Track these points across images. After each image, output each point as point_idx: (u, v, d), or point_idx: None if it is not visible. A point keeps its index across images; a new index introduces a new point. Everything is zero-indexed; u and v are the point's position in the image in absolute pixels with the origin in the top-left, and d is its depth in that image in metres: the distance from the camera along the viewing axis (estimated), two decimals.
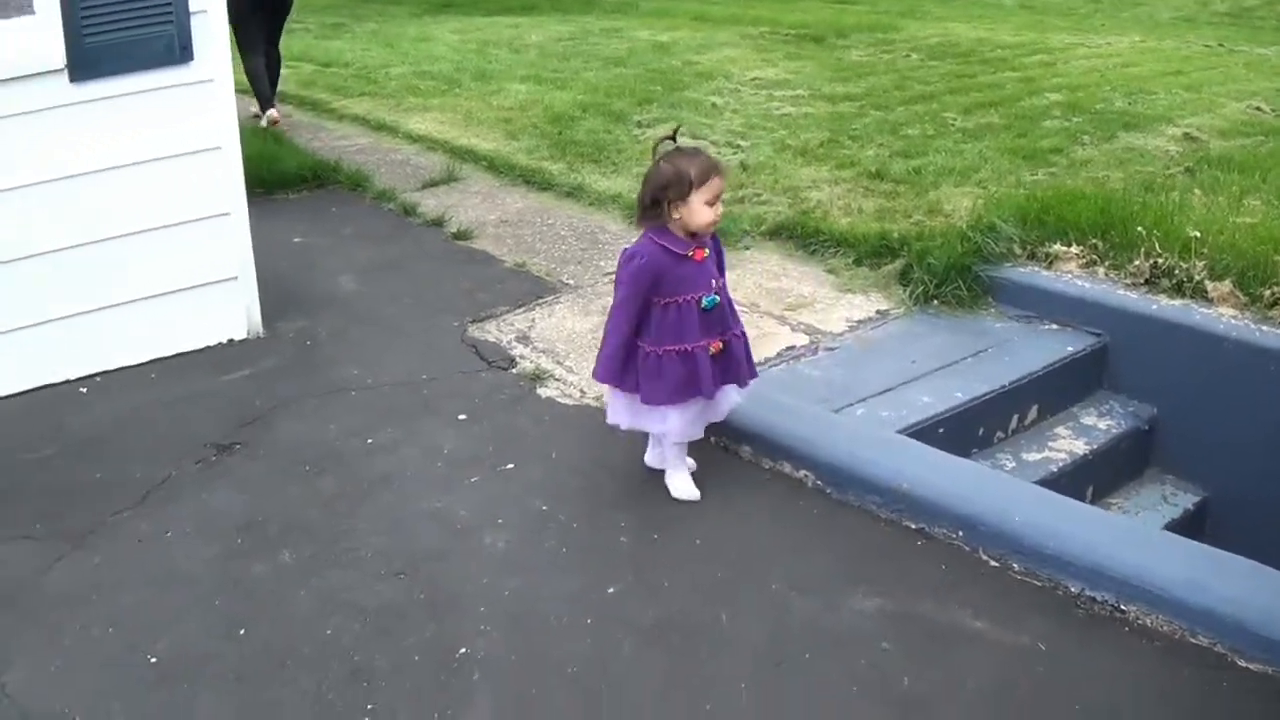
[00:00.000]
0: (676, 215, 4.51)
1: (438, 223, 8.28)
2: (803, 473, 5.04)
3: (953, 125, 10.39)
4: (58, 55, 5.70)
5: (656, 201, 4.50)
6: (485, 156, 9.76)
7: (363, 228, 8.32)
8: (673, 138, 4.64)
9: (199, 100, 6.04)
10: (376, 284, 7.26)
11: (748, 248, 7.64)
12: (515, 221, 8.26)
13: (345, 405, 5.81)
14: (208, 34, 5.95)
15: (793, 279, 7.21)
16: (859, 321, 6.69)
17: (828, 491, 4.95)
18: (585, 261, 7.49)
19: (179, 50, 5.88)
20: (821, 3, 19.86)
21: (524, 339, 6.47)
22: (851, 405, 5.75)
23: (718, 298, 4.64)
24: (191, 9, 5.86)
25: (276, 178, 9.08)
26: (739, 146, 9.64)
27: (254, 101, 11.30)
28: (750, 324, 6.21)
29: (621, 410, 4.83)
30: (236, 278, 6.42)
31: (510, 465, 5.22)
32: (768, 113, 10.91)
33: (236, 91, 11.39)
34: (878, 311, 6.81)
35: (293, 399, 5.87)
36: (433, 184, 9.22)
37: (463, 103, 11.72)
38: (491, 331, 6.55)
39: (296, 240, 8.03)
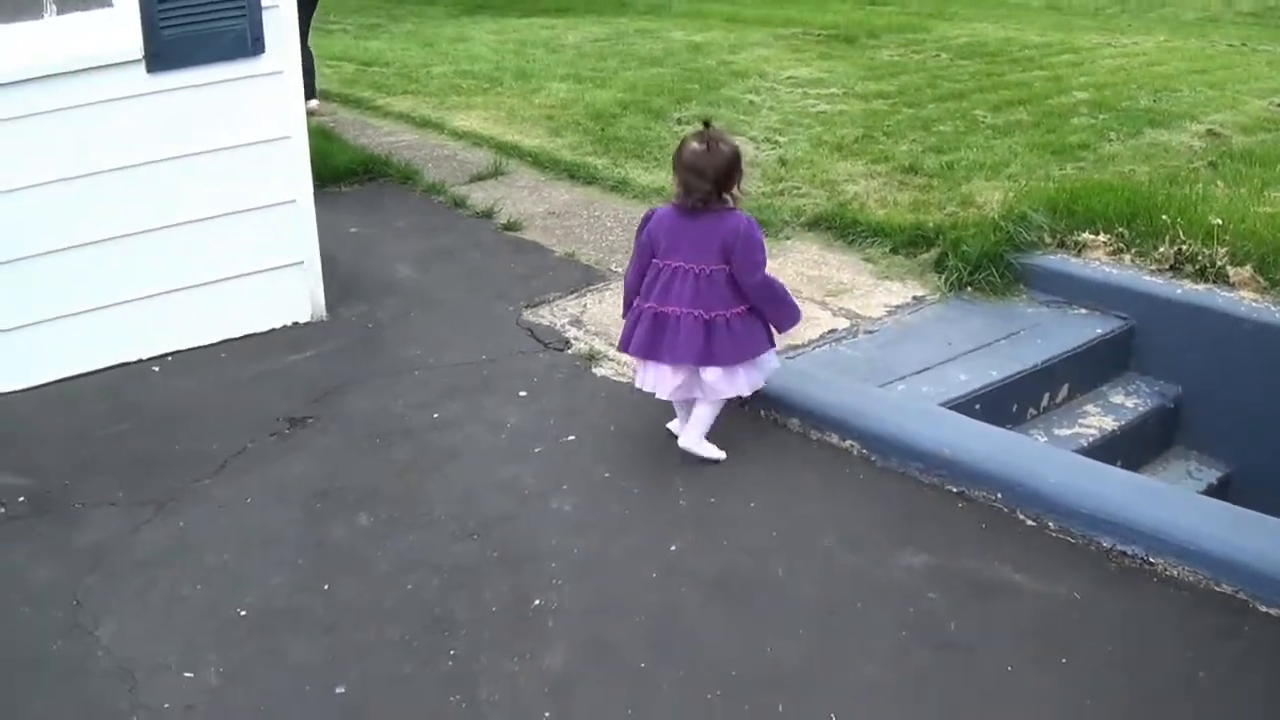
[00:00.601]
0: (736, 190, 4.87)
1: (487, 214, 8.57)
2: (849, 442, 5.31)
3: (983, 122, 10.66)
4: (135, 46, 5.99)
5: (730, 178, 4.82)
6: (530, 152, 10.04)
7: (415, 219, 8.60)
8: (706, 125, 4.89)
9: (269, 91, 6.35)
10: (432, 271, 7.55)
11: (788, 238, 7.92)
12: (562, 213, 8.55)
13: (410, 383, 6.10)
14: (278, 28, 6.25)
15: (832, 267, 7.49)
16: (897, 307, 6.95)
17: (872, 459, 5.22)
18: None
19: (251, 43, 6.18)
20: (852, 4, 20.11)
21: (577, 323, 6.74)
22: (892, 382, 6.02)
23: None
24: (264, 3, 6.16)
25: (330, 171, 9.32)
26: (777, 142, 9.93)
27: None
28: None
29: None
30: (302, 262, 6.71)
31: (571, 437, 5.50)
32: (804, 110, 11.20)
33: None
34: (914, 298, 7.08)
35: (359, 377, 6.16)
36: (480, 178, 9.50)
37: (505, 100, 12.01)
38: (545, 316, 6.83)
39: (353, 230, 8.31)
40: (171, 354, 6.50)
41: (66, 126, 5.93)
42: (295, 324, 6.77)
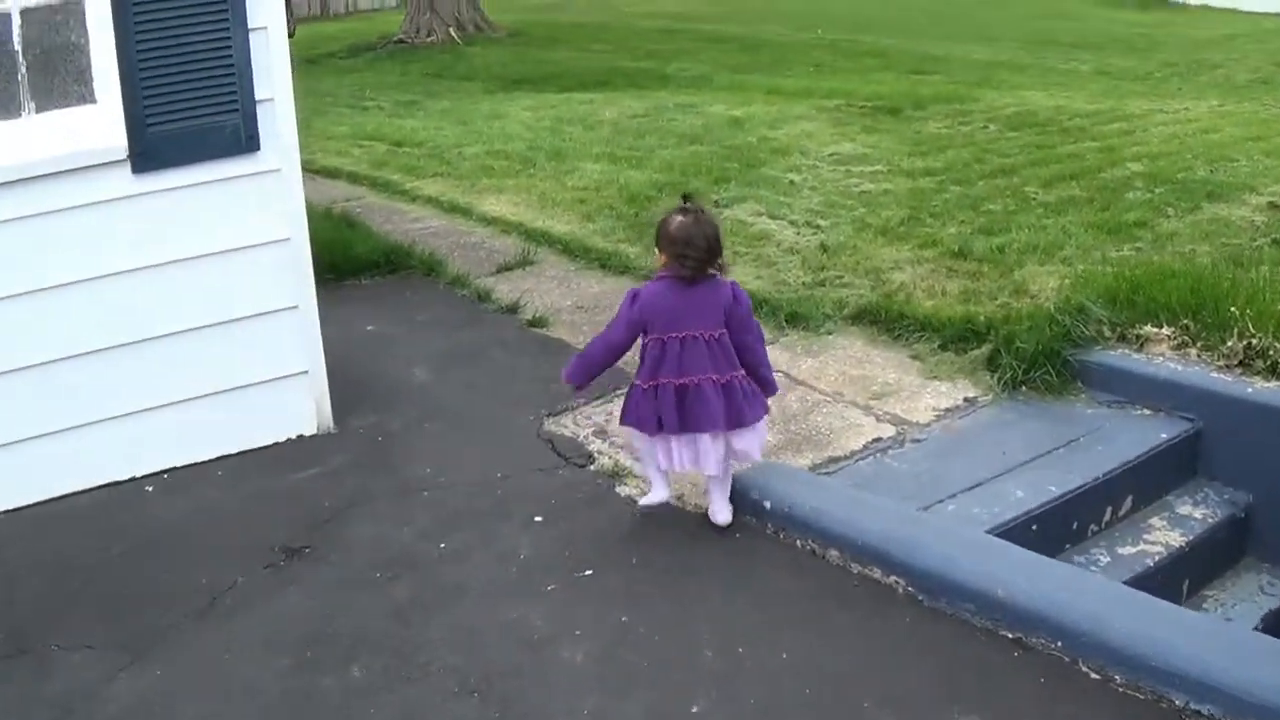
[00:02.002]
0: (721, 260, 5.01)
1: (512, 309, 8.14)
2: (893, 579, 4.85)
3: (1034, 200, 10.18)
4: (120, 145, 5.64)
5: (720, 245, 4.96)
6: (560, 239, 9.62)
7: (436, 315, 8.18)
8: (686, 198, 5.03)
9: (266, 191, 5.96)
10: (450, 375, 7.14)
11: (830, 332, 7.46)
12: (591, 307, 8.10)
13: (418, 506, 5.67)
14: (274, 122, 5.89)
15: (876, 365, 7.02)
16: (946, 410, 6.48)
17: (920, 599, 4.75)
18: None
19: (245, 139, 5.81)
20: (896, 74, 19.70)
21: (601, 433, 6.32)
22: (942, 501, 5.55)
23: None
24: (258, 97, 5.79)
25: (349, 264, 8.96)
26: (818, 226, 9.47)
27: (333, 183, 11.26)
28: (835, 415, 6.13)
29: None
30: (306, 372, 6.31)
31: (589, 572, 5.05)
32: (846, 190, 10.73)
33: (309, 172, 11.57)
34: (965, 399, 6.60)
35: (364, 499, 5.74)
36: (507, 268, 9.09)
37: (537, 183, 11.61)
38: (568, 426, 6.40)
39: (369, 329, 7.91)
40: (167, 471, 6.10)
41: (49, 231, 5.58)
42: (300, 437, 6.37)
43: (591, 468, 5.92)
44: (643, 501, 5.38)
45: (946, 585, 4.67)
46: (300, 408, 6.34)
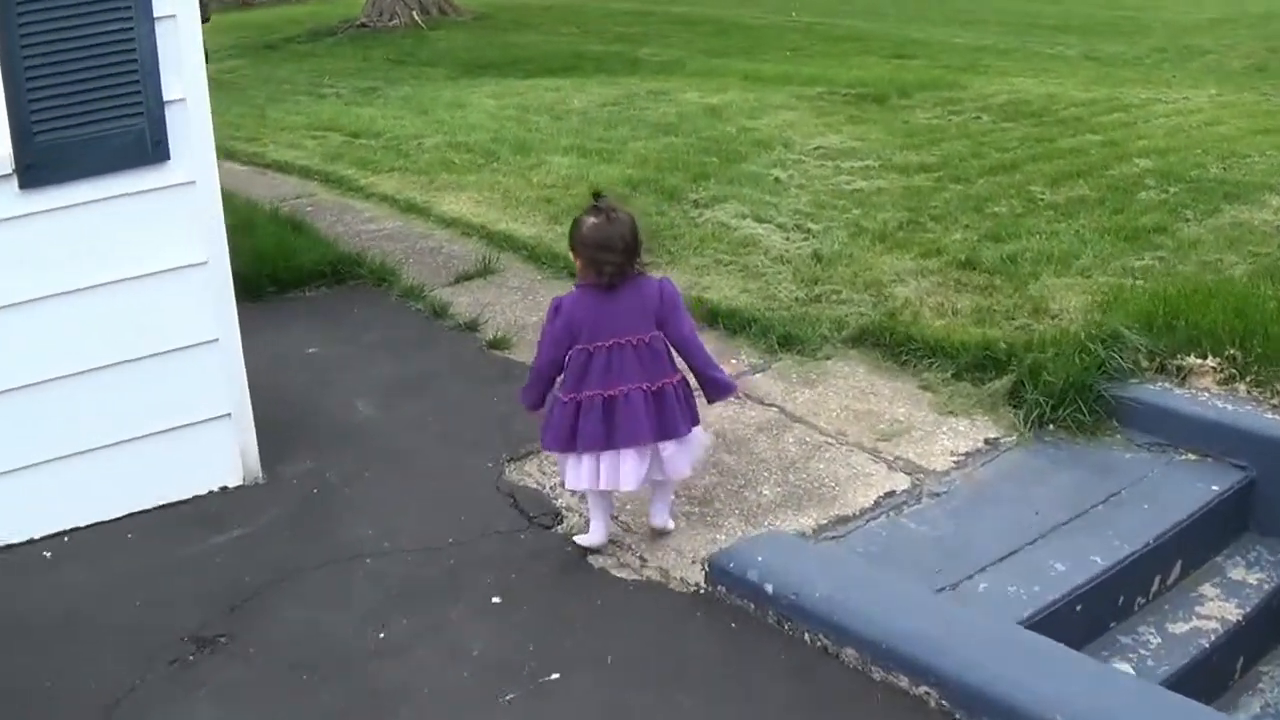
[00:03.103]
0: (642, 256, 4.70)
1: (471, 326, 7.30)
2: (923, 689, 3.99)
3: (1041, 200, 9.35)
4: (3, 157, 4.77)
5: (638, 243, 4.63)
6: (525, 244, 8.76)
7: (386, 333, 7.32)
8: (596, 196, 4.71)
9: (178, 207, 5.10)
10: (398, 409, 6.28)
11: (829, 357, 6.63)
12: None
13: (355, 581, 4.84)
14: (187, 127, 5.03)
15: (883, 398, 6.19)
16: (966, 454, 5.66)
17: (956, 717, 3.85)
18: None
19: (152, 147, 4.94)
20: (878, 58, 18.84)
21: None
22: (972, 577, 4.73)
23: None
24: (167, 97, 4.92)
25: (292, 275, 8.12)
26: (809, 230, 8.62)
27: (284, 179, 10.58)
28: (840, 461, 5.42)
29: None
30: (229, 415, 5.46)
31: (555, 675, 4.21)
32: (836, 188, 9.88)
33: (259, 166, 10.69)
34: (986, 441, 5.79)
35: (293, 571, 4.90)
36: (466, 277, 8.23)
37: (500, 179, 10.73)
38: (532, 473, 5.56)
39: (310, 351, 7.06)
40: (69, 533, 5.24)
41: None
42: (224, 490, 5.54)
43: (559, 529, 5.10)
44: (579, 539, 4.91)
45: (990, 703, 3.82)
46: (223, 456, 5.48)
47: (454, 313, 7.55)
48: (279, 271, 8.08)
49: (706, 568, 4.74)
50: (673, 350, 4.72)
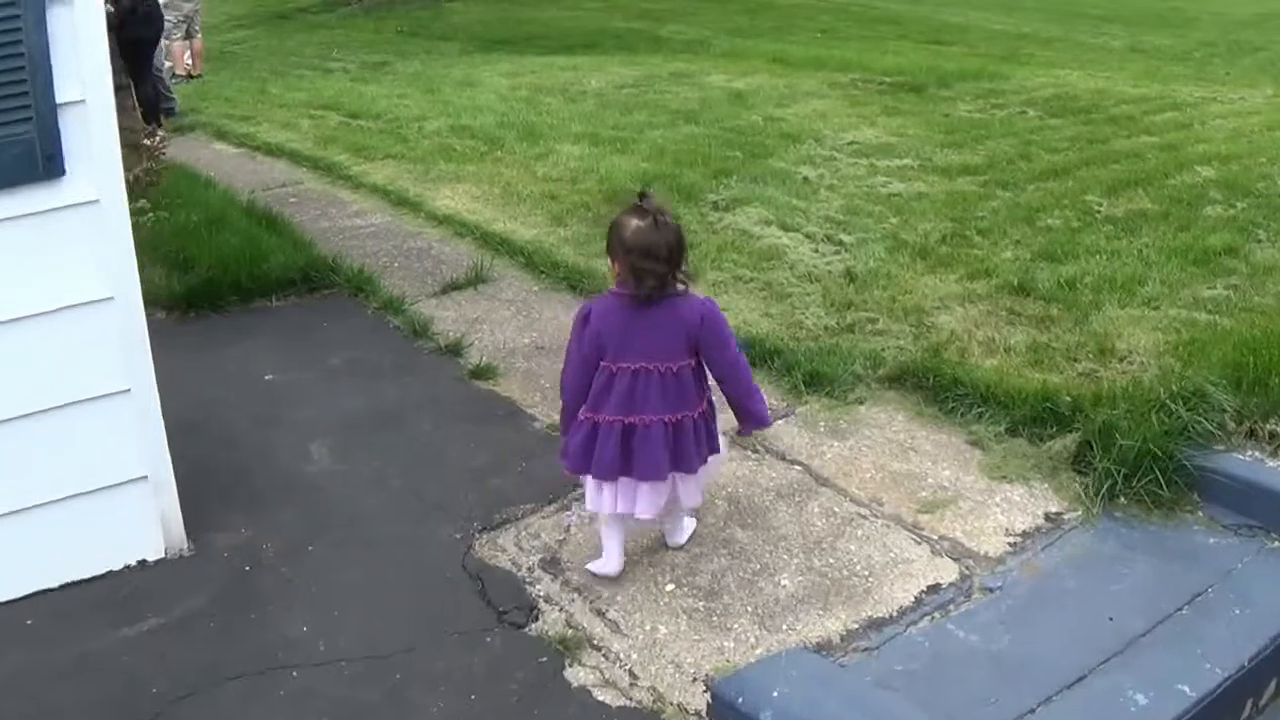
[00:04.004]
0: (686, 267, 4.21)
1: (454, 350, 6.39)
2: None
3: (1098, 212, 8.40)
4: None
5: (683, 254, 4.16)
6: (523, 248, 7.84)
7: (356, 356, 6.42)
8: (643, 195, 4.16)
9: (76, 232, 4.13)
10: (358, 457, 5.38)
11: (861, 401, 5.70)
12: (555, 348, 6.28)
13: (279, 700, 3.93)
14: (87, 135, 4.03)
15: (926, 456, 5.26)
16: (1023, 534, 4.75)
17: None
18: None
19: (43, 161, 3.97)
20: (913, 43, 17.89)
21: (551, 564, 4.60)
22: (1034, 711, 3.77)
23: None
24: (61, 99, 3.94)
25: (258, 280, 7.24)
26: (841, 242, 7.66)
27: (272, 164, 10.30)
28: (874, 540, 4.68)
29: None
30: (145, 478, 4.56)
31: None
32: (872, 191, 8.93)
33: (249, 148, 9.81)
34: (1047, 516, 4.87)
35: (207, 684, 3.99)
36: (455, 287, 7.33)
37: (503, 170, 9.82)
38: (507, 549, 4.66)
39: (268, 378, 6.17)
40: None
41: None
42: (143, 564, 4.66)
43: (533, 630, 4.19)
44: (591, 567, 4.52)
45: None
46: (140, 525, 4.61)
47: (436, 331, 6.64)
48: (244, 279, 7.15)
49: (710, 694, 3.79)
50: (707, 377, 4.31)
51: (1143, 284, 6.92)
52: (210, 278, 7.14)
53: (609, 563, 4.44)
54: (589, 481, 4.33)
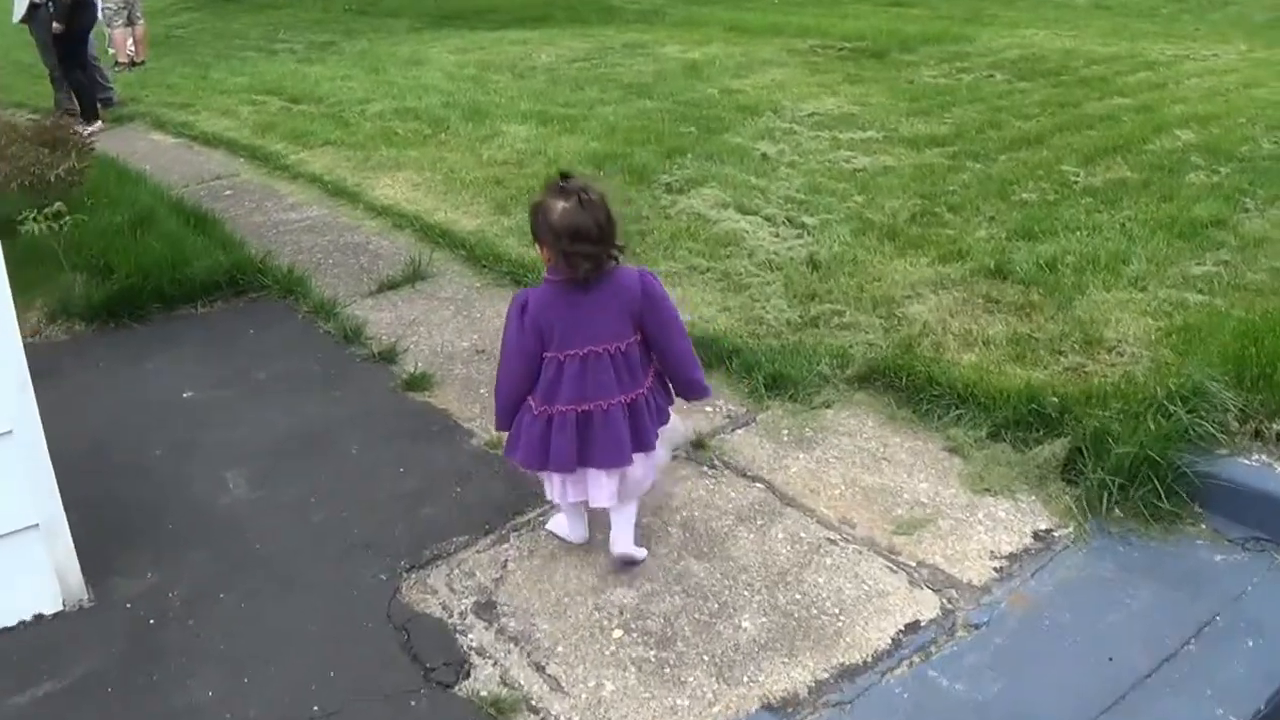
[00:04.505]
0: (618, 241, 3.97)
1: (388, 357, 5.90)
2: None
3: (1075, 183, 7.94)
4: None
5: (614, 229, 3.92)
6: (464, 240, 7.35)
7: (283, 368, 5.93)
8: (564, 176, 3.89)
9: None
10: (278, 485, 4.90)
11: (829, 405, 5.22)
12: (495, 350, 5.60)
13: None
14: None
15: (900, 466, 4.79)
16: (1010, 558, 4.31)
17: None
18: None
19: None
20: (873, 6, 17.37)
21: (486, 608, 4.12)
22: None
23: None
24: None
25: (180, 285, 6.77)
26: (803, 225, 7.17)
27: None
28: (845, 570, 4.41)
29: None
30: (37, 526, 4.07)
31: None
32: (835, 167, 8.43)
33: (187, 138, 9.30)
34: (1035, 535, 4.42)
35: None
36: (392, 285, 6.85)
37: (446, 155, 9.31)
38: (438, 590, 4.19)
39: (186, 396, 5.68)
40: None
41: None
42: (39, 618, 4.18)
43: (463, 689, 3.73)
44: (554, 528, 4.46)
45: None
46: (34, 577, 4.13)
47: (369, 336, 6.17)
48: (167, 285, 6.64)
49: None
50: (650, 349, 4.09)
51: (1127, 262, 6.46)
52: (130, 285, 6.62)
53: (576, 532, 4.41)
54: (546, 477, 4.17)
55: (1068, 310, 5.87)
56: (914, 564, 4.24)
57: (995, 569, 4.22)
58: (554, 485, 4.16)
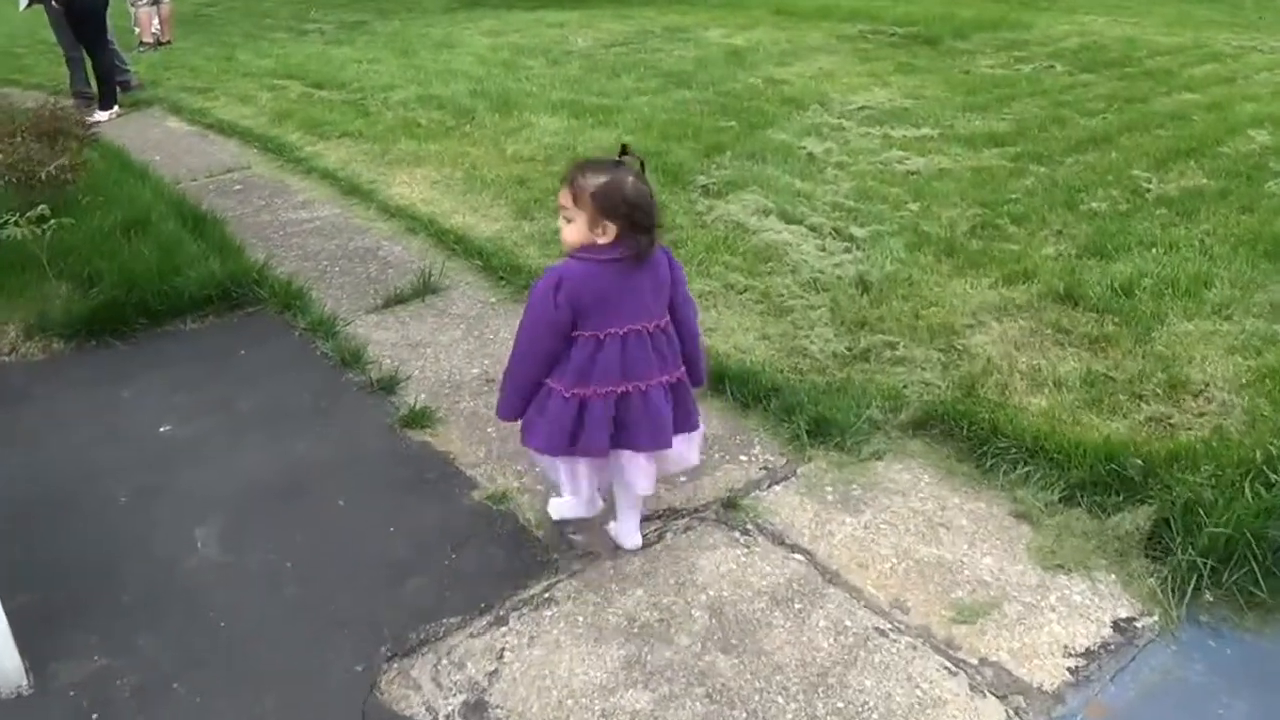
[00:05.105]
0: None
1: (387, 386, 5.32)
2: None
3: (1148, 191, 7.29)
4: None
5: None
6: (481, 248, 6.76)
7: (271, 397, 5.36)
8: (625, 150, 3.74)
9: None
10: (252, 544, 4.32)
11: (879, 456, 4.59)
12: None
13: None
14: None
15: (960, 535, 4.17)
16: (1087, 655, 3.70)
17: None
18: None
19: None
20: None
21: (476, 710, 3.55)
22: None
23: None
24: None
25: (168, 299, 6.19)
26: (852, 238, 6.54)
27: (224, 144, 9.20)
28: (896, 668, 3.78)
29: None
30: None
31: None
32: (887, 169, 7.80)
33: (202, 125, 8.77)
34: (1116, 624, 3.80)
35: None
36: (400, 300, 6.27)
37: (469, 150, 8.71)
38: (422, 685, 3.60)
39: (162, 430, 5.08)
40: None
41: None
42: None
43: None
44: (557, 509, 4.35)
45: None
46: None
47: (370, 360, 5.58)
48: (153, 298, 6.06)
49: None
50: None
51: (1209, 285, 5.83)
52: (115, 298, 6.03)
53: (579, 505, 4.30)
54: (566, 462, 3.97)
55: (1146, 343, 5.24)
56: (975, 662, 3.61)
57: (1070, 669, 3.60)
58: (570, 472, 4.00)
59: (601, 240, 3.67)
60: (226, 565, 4.19)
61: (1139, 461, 4.23)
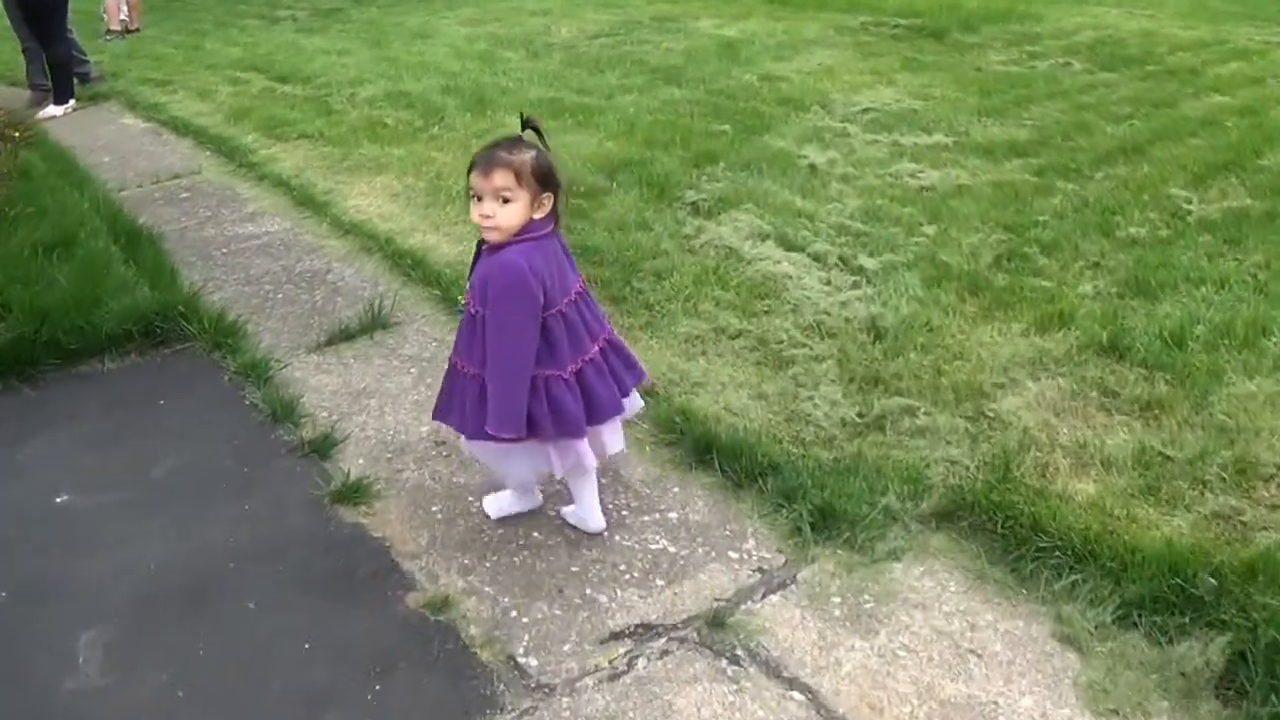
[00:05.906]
0: None
1: (320, 448, 4.59)
2: None
3: (1189, 213, 6.57)
4: None
5: None
6: (440, 273, 6.08)
7: (188, 461, 4.60)
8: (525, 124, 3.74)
9: None
10: (141, 664, 3.58)
11: (897, 556, 3.83)
12: (459, 442, 4.34)
13: None
14: None
15: (994, 666, 3.43)
16: None
17: None
18: (589, 583, 3.78)
19: None
20: None
21: None
22: None
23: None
24: None
25: (85, 335, 5.39)
26: (862, 270, 5.81)
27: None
28: None
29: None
30: None
31: None
32: (896, 183, 7.05)
33: (156, 122, 8.03)
34: None
35: None
36: (346, 336, 5.52)
37: (435, 154, 7.97)
38: None
39: (59, 501, 4.33)
40: None
41: None
42: None
43: None
44: (496, 508, 4.16)
45: None
46: None
47: (304, 412, 4.85)
48: (67, 334, 5.29)
49: None
50: None
51: (1269, 333, 5.07)
52: (20, 335, 5.25)
53: (527, 501, 4.21)
54: (570, 445, 3.78)
55: (1204, 409, 4.50)
56: None
57: None
58: (574, 454, 3.82)
59: (538, 215, 3.58)
60: (109, 692, 3.45)
61: (1212, 580, 3.44)
